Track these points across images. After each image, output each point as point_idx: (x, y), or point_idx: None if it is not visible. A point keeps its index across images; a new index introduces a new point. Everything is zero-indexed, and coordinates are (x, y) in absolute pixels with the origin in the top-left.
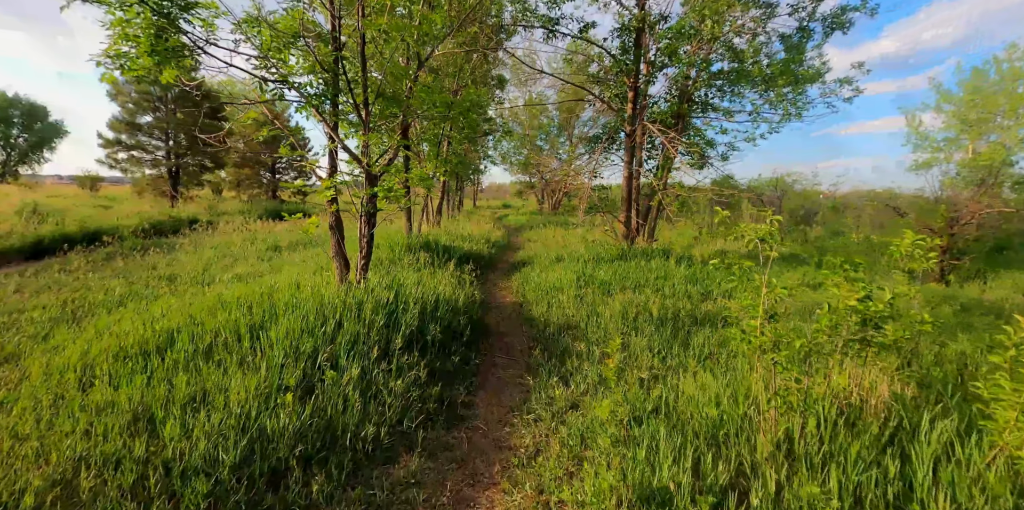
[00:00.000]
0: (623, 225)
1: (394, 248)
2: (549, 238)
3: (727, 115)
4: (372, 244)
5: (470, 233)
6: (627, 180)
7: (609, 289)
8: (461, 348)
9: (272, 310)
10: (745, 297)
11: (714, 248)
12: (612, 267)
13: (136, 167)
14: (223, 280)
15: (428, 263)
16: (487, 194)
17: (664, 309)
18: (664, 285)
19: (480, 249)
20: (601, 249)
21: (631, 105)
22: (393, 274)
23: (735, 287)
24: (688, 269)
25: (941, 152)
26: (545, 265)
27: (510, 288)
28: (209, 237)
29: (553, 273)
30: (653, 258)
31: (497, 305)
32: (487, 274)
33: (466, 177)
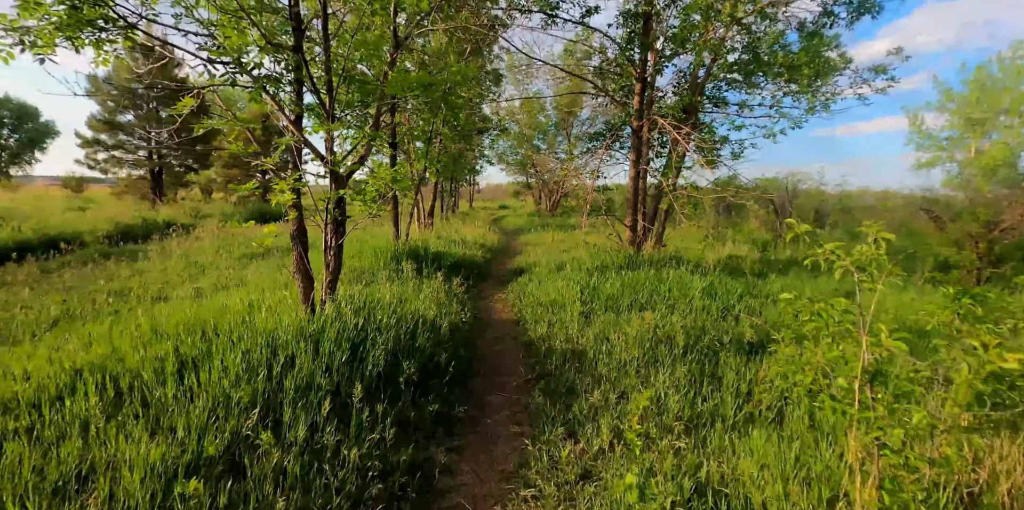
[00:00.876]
0: (629, 229)
1: (378, 256)
2: (548, 242)
3: (743, 109)
4: (341, 258)
5: (464, 237)
6: (633, 180)
7: (618, 305)
8: (443, 389)
9: (213, 341)
10: (829, 348)
11: (723, 253)
12: (619, 277)
13: (117, 168)
14: (180, 295)
15: (415, 273)
16: (484, 195)
17: (687, 334)
18: (679, 299)
19: (474, 255)
20: (606, 256)
21: (638, 98)
22: (371, 290)
23: (815, 328)
24: (703, 280)
25: (944, 151)
26: (544, 274)
27: (505, 301)
28: (183, 243)
29: (553, 284)
30: (664, 266)
31: (491, 322)
32: (481, 284)
33: (461, 177)
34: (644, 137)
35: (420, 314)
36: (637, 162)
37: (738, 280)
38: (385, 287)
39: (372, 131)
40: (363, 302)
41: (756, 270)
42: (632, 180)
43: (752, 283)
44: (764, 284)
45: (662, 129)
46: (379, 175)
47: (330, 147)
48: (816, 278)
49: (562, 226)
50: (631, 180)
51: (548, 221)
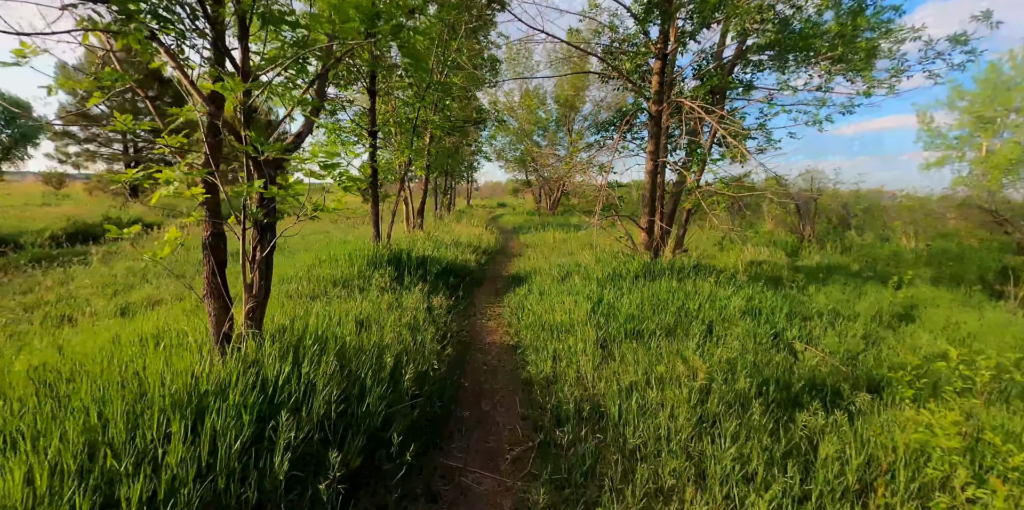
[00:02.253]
0: (644, 232)
1: (353, 262)
2: (549, 243)
3: (783, 91)
4: (270, 276)
5: (457, 238)
6: (650, 175)
7: (640, 329)
8: (394, 478)
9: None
10: None
11: (744, 258)
12: (637, 291)
13: (90, 162)
14: (100, 313)
15: (394, 283)
16: (483, 192)
17: (747, 374)
18: (715, 321)
19: (466, 260)
20: (617, 263)
21: (657, 77)
22: (331, 309)
23: None
24: (738, 294)
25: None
26: (547, 284)
27: (500, 318)
28: (139, 245)
29: (558, 297)
30: (687, 276)
31: (482, 348)
32: (473, 293)
33: (458, 174)
34: (664, 125)
35: (381, 346)
36: (655, 154)
37: (775, 293)
38: (353, 303)
39: (315, 100)
40: (302, 334)
41: (790, 279)
42: (649, 175)
43: (792, 297)
44: (806, 298)
45: (689, 114)
46: (313, 150)
47: (245, 119)
48: (861, 288)
49: (563, 226)
50: (648, 175)
51: (548, 220)
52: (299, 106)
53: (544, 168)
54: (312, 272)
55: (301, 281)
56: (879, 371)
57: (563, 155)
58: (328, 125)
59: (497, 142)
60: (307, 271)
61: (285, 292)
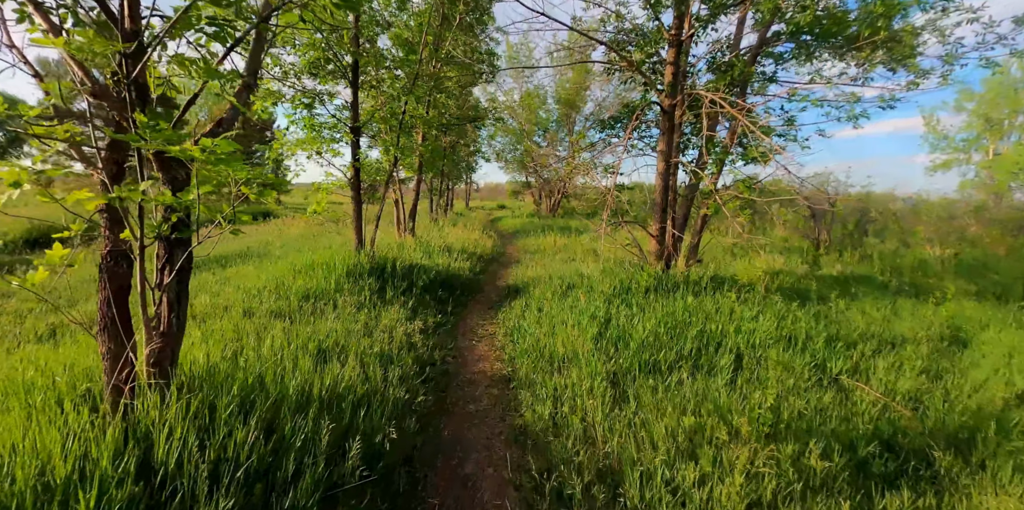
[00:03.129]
0: (655, 239)
1: (330, 273)
2: (549, 247)
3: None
4: (184, 305)
5: (451, 243)
6: (662, 176)
7: (657, 360)
8: None
9: None
10: None
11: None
12: (650, 309)
13: (72, 160)
14: None
15: (374, 296)
16: (483, 194)
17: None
18: (744, 349)
19: (459, 268)
20: (624, 274)
21: (670, 68)
22: (287, 336)
23: None
24: (765, 314)
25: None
26: (547, 298)
27: (494, 339)
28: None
29: (559, 316)
30: (704, 290)
31: (469, 379)
32: (465, 308)
33: (455, 175)
34: (677, 121)
35: (338, 393)
36: (667, 153)
37: (805, 310)
38: (322, 324)
39: (235, 73)
40: (230, 381)
41: (815, 292)
42: (660, 176)
43: (826, 316)
44: (841, 316)
45: (714, 107)
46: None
47: (134, 97)
48: (895, 304)
49: (564, 229)
50: (659, 176)
51: (548, 223)
52: (221, 82)
53: (544, 169)
54: (283, 284)
55: (268, 295)
56: (953, 418)
57: (564, 156)
58: (305, 120)
59: (497, 142)
60: (277, 282)
61: (246, 309)
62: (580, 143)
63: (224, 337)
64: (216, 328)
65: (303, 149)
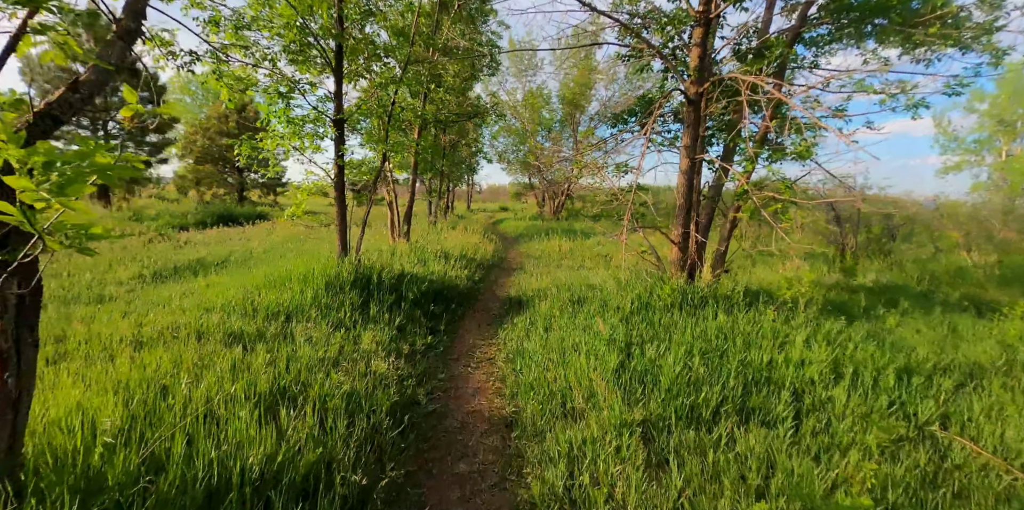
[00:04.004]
0: (677, 246)
1: (307, 284)
2: (554, 253)
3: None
4: (27, 372)
5: (449, 248)
6: (686, 175)
7: (697, 405)
8: None
9: None
10: None
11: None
12: (677, 331)
13: None
14: None
15: (356, 313)
16: (486, 196)
17: None
18: (802, 387)
19: (456, 276)
20: (643, 287)
21: (697, 50)
22: (235, 370)
23: None
24: (815, 336)
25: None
26: (554, 314)
27: (492, 365)
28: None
29: (570, 337)
30: (736, 307)
31: (461, 424)
32: (460, 325)
33: (457, 176)
34: (704, 111)
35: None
36: (692, 149)
37: (853, 328)
38: (285, 350)
39: None
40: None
41: (856, 304)
42: (684, 175)
43: (875, 334)
44: (894, 336)
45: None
46: None
47: None
48: (949, 320)
49: (569, 233)
50: (682, 175)
51: (552, 226)
52: None
53: (548, 171)
54: (253, 298)
55: (232, 312)
56: None
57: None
58: (281, 112)
59: (499, 143)
60: (246, 296)
61: (200, 331)
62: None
63: (150, 376)
64: (149, 361)
65: (280, 145)
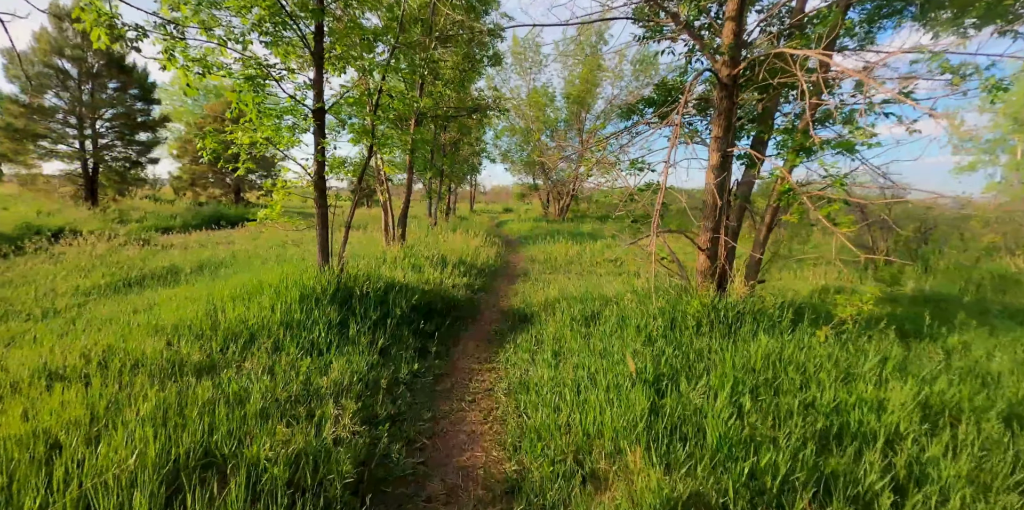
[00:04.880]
0: (704, 253)
1: (279, 298)
2: (560, 257)
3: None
4: None
5: (448, 252)
6: (716, 171)
7: (759, 475)
8: None
9: None
10: None
11: (813, 283)
12: (716, 358)
13: (39, 160)
14: None
15: (332, 334)
16: (489, 197)
17: None
18: (880, 431)
19: (454, 285)
20: (666, 301)
21: (732, 24)
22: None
23: None
24: (888, 366)
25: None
26: (565, 334)
27: (491, 398)
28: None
29: (583, 366)
30: (778, 325)
31: (451, 487)
32: (455, 345)
33: (459, 176)
34: (737, 98)
35: None
36: (724, 141)
37: (920, 349)
38: (235, 385)
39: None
40: None
41: (905, 318)
42: (713, 171)
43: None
44: (968, 364)
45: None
46: None
47: None
48: (1017, 338)
49: (575, 235)
50: (711, 171)
51: (557, 228)
52: None
53: (553, 170)
54: (215, 314)
55: (186, 333)
56: None
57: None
58: (248, 98)
59: (502, 143)
60: (208, 312)
61: (138, 359)
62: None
63: (41, 432)
64: (43, 409)
65: (253, 138)
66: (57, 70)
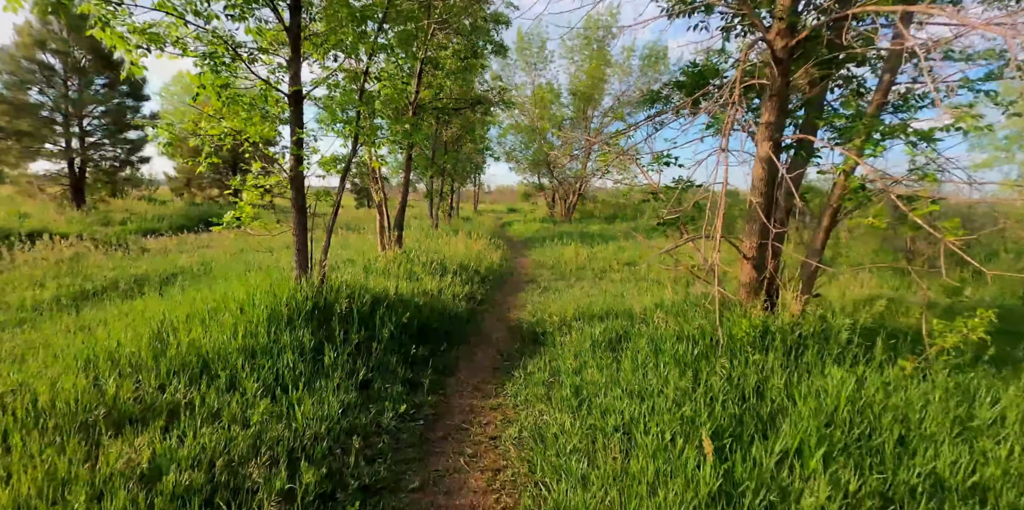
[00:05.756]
0: (749, 262)
1: (244, 318)
2: (570, 261)
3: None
4: None
5: (448, 256)
6: (765, 164)
7: None
8: None
9: None
10: None
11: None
12: (784, 402)
13: (19, 160)
14: None
15: (304, 362)
16: (494, 197)
17: None
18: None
19: (454, 296)
20: (706, 320)
21: None
22: None
23: None
24: (1011, 413)
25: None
26: (587, 364)
27: (496, 452)
28: None
29: (615, 411)
30: (846, 355)
31: None
32: (454, 371)
33: (462, 176)
34: (788, 79)
35: None
36: (778, 126)
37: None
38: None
39: None
40: None
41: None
42: (763, 163)
43: None
44: None
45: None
46: None
47: None
48: None
49: (585, 236)
50: (760, 163)
51: (565, 229)
52: None
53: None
54: (169, 337)
55: (127, 363)
56: None
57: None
58: (207, 78)
59: (507, 141)
60: (160, 336)
61: (47, 403)
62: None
63: None
64: None
65: (216, 129)
66: (41, 65)
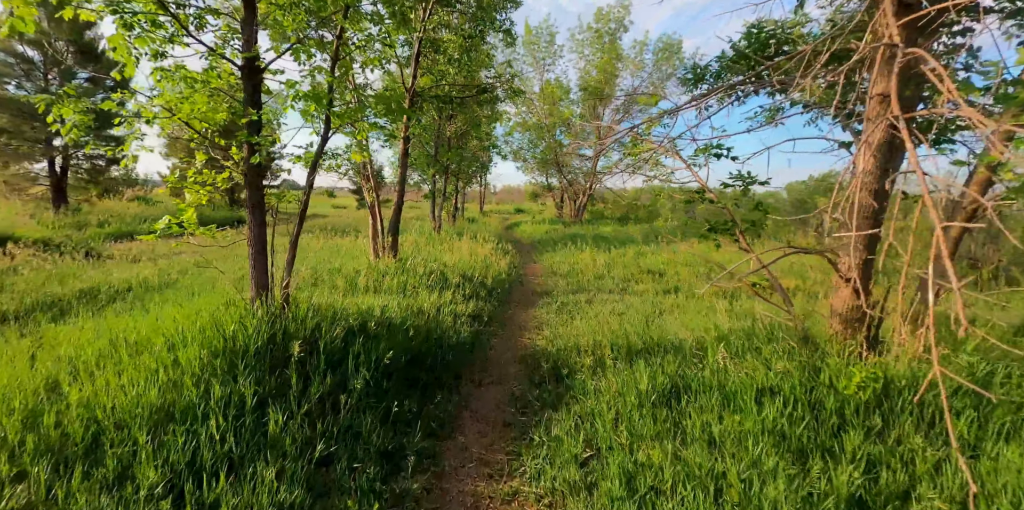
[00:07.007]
0: (849, 284)
1: (170, 355)
2: (588, 268)
3: None
4: None
5: (450, 265)
6: (878, 153)
7: None
8: None
9: None
10: None
11: None
12: None
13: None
14: None
15: (239, 428)
16: (501, 197)
17: None
18: None
19: (453, 314)
20: (794, 364)
21: None
22: None
23: None
24: None
25: None
26: (635, 433)
27: None
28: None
29: None
30: (996, 426)
31: None
32: (452, 433)
33: (467, 175)
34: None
35: None
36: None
37: None
38: None
39: None
40: None
41: None
42: (876, 152)
43: None
44: None
45: None
46: None
47: None
48: None
49: (599, 239)
50: (872, 152)
51: (577, 231)
52: None
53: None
54: (62, 389)
55: None
56: None
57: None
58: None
59: (514, 139)
60: (47, 388)
61: None
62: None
63: None
64: None
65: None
66: (19, 57)
